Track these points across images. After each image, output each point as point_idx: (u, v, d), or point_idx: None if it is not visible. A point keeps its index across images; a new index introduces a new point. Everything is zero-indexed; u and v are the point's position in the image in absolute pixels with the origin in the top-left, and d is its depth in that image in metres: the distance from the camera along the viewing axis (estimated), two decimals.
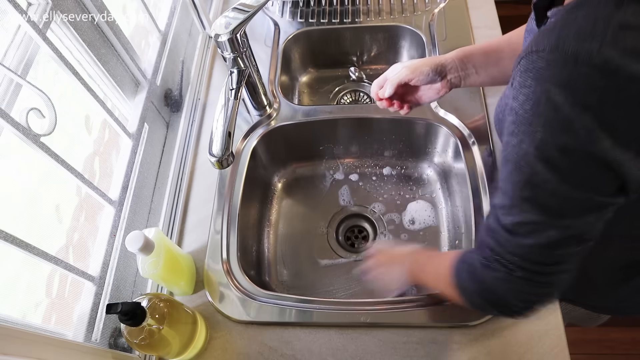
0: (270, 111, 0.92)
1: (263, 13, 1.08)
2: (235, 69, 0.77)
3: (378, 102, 0.74)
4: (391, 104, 0.73)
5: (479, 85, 0.74)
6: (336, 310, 0.70)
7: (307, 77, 1.14)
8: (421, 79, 0.69)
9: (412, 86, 0.72)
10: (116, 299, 0.66)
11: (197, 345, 0.66)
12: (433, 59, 0.69)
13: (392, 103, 0.73)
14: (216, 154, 0.65)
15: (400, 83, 0.70)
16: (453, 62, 0.69)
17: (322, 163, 1.00)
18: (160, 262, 0.63)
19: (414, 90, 0.73)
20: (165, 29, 0.87)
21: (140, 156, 0.75)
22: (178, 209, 0.83)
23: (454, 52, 0.70)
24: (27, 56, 0.58)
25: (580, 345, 1.44)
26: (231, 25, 0.72)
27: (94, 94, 0.64)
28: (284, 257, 0.90)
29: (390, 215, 0.93)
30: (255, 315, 0.71)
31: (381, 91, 0.72)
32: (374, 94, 0.74)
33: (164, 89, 0.86)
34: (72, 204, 0.68)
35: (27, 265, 0.59)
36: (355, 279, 0.86)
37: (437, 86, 0.71)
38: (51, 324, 0.60)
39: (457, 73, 0.69)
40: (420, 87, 0.73)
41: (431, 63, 0.69)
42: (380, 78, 0.73)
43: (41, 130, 0.54)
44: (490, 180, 0.78)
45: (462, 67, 0.69)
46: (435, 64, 0.68)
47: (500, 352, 0.64)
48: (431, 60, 0.69)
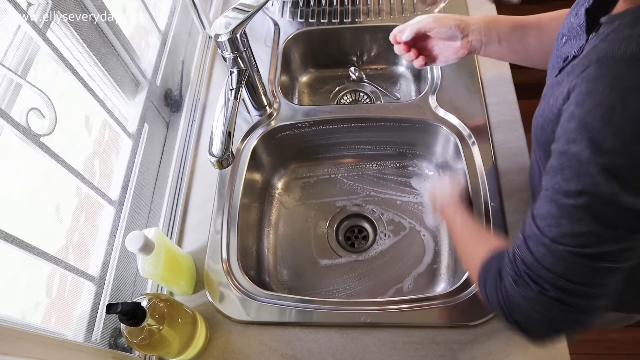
0: (270, 111, 0.92)
1: (263, 13, 1.08)
2: (235, 69, 0.77)
3: (395, 46, 0.74)
4: (408, 50, 0.72)
5: (498, 57, 0.72)
6: (336, 310, 0.70)
7: (307, 77, 1.14)
8: (443, 30, 0.68)
9: (432, 41, 0.71)
10: (116, 299, 0.66)
11: (197, 345, 0.66)
12: (459, 16, 0.69)
13: (409, 49, 0.72)
14: (216, 154, 0.65)
15: (421, 30, 0.69)
16: (478, 24, 0.68)
17: (322, 163, 1.00)
18: (160, 262, 0.63)
19: (433, 44, 0.73)
20: (165, 29, 0.87)
21: (140, 156, 0.75)
22: (178, 209, 0.83)
23: (481, 16, 0.69)
24: (27, 56, 0.58)
25: (580, 345, 1.44)
26: (231, 25, 0.72)
27: (94, 94, 0.64)
28: (284, 257, 0.90)
29: (390, 215, 0.93)
30: (255, 315, 0.71)
31: (400, 34, 0.72)
32: (393, 36, 0.73)
33: (164, 89, 0.86)
34: (72, 204, 0.68)
35: (27, 265, 0.59)
36: (355, 279, 0.86)
37: (456, 45, 0.70)
38: (51, 324, 0.60)
39: (479, 37, 0.68)
40: (440, 43, 0.72)
41: (456, 18, 0.68)
42: (403, 25, 0.73)
43: (41, 130, 0.54)
44: (490, 180, 0.78)
45: (486, 32, 0.68)
46: (460, 20, 0.68)
47: (500, 352, 0.64)
48: (457, 16, 0.69)
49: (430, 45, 0.74)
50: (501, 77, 0.90)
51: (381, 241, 0.90)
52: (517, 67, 0.78)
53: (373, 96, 1.09)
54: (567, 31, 0.53)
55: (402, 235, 0.90)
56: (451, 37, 0.69)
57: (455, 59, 0.72)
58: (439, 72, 0.92)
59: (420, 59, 0.73)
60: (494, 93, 0.88)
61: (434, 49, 0.74)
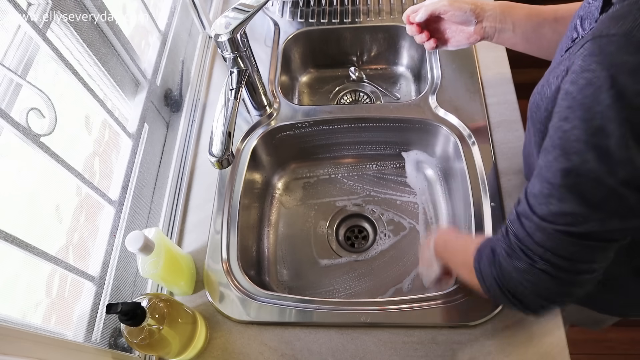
0: (270, 111, 0.92)
1: (263, 13, 1.08)
2: (235, 69, 0.77)
3: (408, 27, 0.73)
4: (420, 32, 0.72)
5: (511, 45, 0.70)
6: (336, 310, 0.70)
7: (307, 77, 1.14)
8: (457, 14, 0.68)
9: (445, 24, 0.70)
10: (116, 299, 0.66)
11: (197, 345, 0.66)
12: (475, 0, 0.68)
13: (421, 30, 0.72)
14: (216, 154, 0.66)
15: (435, 12, 0.69)
16: (494, 10, 0.68)
17: (322, 163, 1.00)
18: (160, 262, 0.63)
19: (445, 28, 0.73)
20: (165, 29, 0.87)
21: (140, 156, 0.75)
22: (178, 209, 0.83)
23: (498, 2, 0.68)
24: (27, 56, 0.58)
25: (580, 345, 1.44)
26: (231, 25, 0.72)
27: (94, 94, 0.64)
28: (284, 257, 0.90)
29: (390, 215, 0.93)
30: (255, 315, 0.71)
31: (413, 15, 0.71)
32: (406, 16, 0.73)
33: (164, 89, 0.86)
34: (72, 204, 0.68)
35: (27, 265, 0.59)
36: (355, 279, 0.86)
37: (469, 30, 0.70)
38: (51, 324, 0.60)
39: (494, 23, 0.68)
40: (453, 27, 0.72)
41: (472, 2, 0.68)
42: (417, 5, 0.72)
43: (41, 130, 0.54)
44: (490, 180, 0.78)
45: (502, 18, 0.67)
46: (476, 4, 0.68)
47: (500, 352, 0.64)
48: (473, 0, 0.68)
49: (442, 28, 0.73)
50: (501, 77, 0.90)
51: (381, 241, 0.90)
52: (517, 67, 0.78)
53: (373, 96, 1.09)
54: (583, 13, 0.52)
55: (402, 235, 0.90)
56: (465, 21, 0.69)
57: (467, 44, 0.71)
58: (439, 72, 0.92)
59: (432, 41, 0.72)
60: (494, 93, 0.88)
61: (446, 32, 0.73)
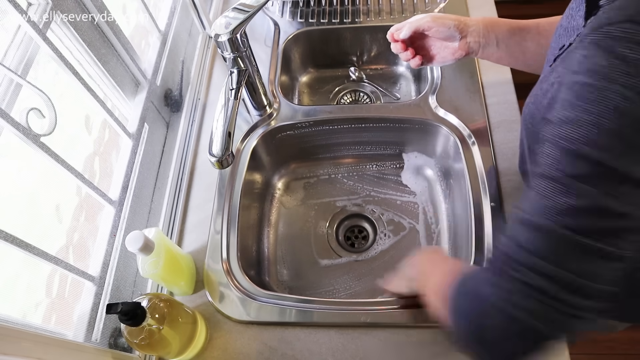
0: (270, 111, 0.92)
1: (263, 13, 1.08)
2: (235, 69, 0.77)
3: (393, 45, 0.74)
4: (405, 49, 0.72)
5: (495, 60, 0.71)
6: (336, 310, 0.70)
7: (307, 77, 1.14)
8: (441, 30, 0.68)
9: (430, 40, 0.71)
10: (116, 299, 0.66)
11: (197, 345, 0.66)
12: (458, 17, 0.69)
13: (406, 48, 0.72)
14: (216, 154, 0.66)
15: (419, 29, 0.69)
16: (477, 25, 0.68)
17: (322, 163, 1.00)
18: (160, 262, 0.63)
19: (430, 44, 0.73)
20: (165, 29, 0.87)
21: (140, 156, 0.75)
22: (178, 209, 0.83)
23: (480, 18, 0.69)
24: (27, 56, 0.58)
25: (580, 345, 1.44)
26: (231, 25, 0.72)
27: (94, 94, 0.64)
28: (284, 257, 0.90)
29: (390, 215, 0.93)
30: (256, 315, 0.71)
31: (397, 32, 0.71)
32: (390, 34, 0.73)
33: (164, 89, 0.86)
34: (72, 204, 0.68)
35: (27, 265, 0.59)
36: (355, 279, 0.86)
37: (454, 46, 0.70)
38: (51, 324, 0.60)
39: (478, 38, 0.68)
40: (437, 43, 0.72)
41: (455, 18, 0.68)
42: (401, 23, 0.72)
43: (41, 130, 0.54)
44: (490, 180, 0.78)
45: (485, 34, 0.68)
46: (459, 20, 0.68)
47: None
48: (456, 16, 0.69)
49: (427, 44, 0.73)
50: (501, 77, 0.90)
51: (381, 241, 0.90)
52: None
53: (373, 96, 1.09)
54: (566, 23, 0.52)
55: (402, 235, 0.90)
56: (449, 37, 0.69)
57: (452, 60, 0.72)
58: (439, 72, 0.92)
59: (417, 58, 0.73)
60: (494, 93, 0.88)
61: (431, 49, 0.74)
